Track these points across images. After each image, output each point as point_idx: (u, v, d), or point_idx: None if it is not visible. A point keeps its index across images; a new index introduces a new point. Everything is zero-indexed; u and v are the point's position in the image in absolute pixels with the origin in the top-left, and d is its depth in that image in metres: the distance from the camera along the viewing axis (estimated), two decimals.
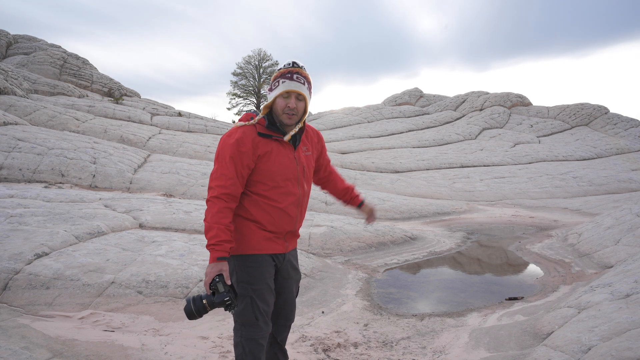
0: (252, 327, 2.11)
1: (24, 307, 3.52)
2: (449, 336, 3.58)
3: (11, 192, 6.40)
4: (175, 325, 3.50)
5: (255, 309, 2.10)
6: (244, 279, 2.11)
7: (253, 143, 2.07)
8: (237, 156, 2.04)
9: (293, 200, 2.18)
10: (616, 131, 29.41)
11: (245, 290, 2.10)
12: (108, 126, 14.21)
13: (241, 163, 2.05)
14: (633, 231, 6.15)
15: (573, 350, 2.57)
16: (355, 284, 5.05)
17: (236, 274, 2.13)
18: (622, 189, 17.16)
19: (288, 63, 2.11)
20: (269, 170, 2.11)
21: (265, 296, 2.14)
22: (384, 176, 17.29)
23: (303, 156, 2.24)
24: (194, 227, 6.22)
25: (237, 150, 2.05)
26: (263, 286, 2.13)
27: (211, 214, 2.01)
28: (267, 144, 2.11)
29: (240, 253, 2.13)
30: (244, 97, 46.77)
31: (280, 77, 2.10)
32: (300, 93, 2.09)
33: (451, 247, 7.38)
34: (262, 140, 2.10)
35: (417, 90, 43.62)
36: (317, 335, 3.48)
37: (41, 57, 22.45)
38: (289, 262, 2.28)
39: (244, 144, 2.06)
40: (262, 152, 2.09)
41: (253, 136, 2.09)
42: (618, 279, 3.73)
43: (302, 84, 2.09)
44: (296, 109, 2.10)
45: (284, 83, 2.07)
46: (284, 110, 2.09)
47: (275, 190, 2.13)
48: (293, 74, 2.08)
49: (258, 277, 2.11)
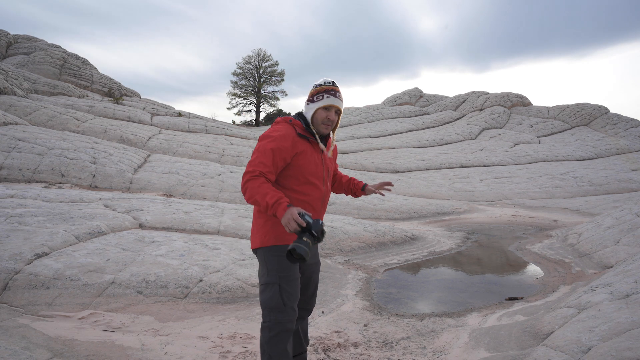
0: (280, 312, 2.29)
1: (24, 307, 3.52)
2: (449, 336, 3.58)
3: (11, 192, 6.40)
4: (175, 325, 3.50)
5: (284, 295, 2.29)
6: (274, 267, 2.32)
7: (293, 141, 2.34)
8: (278, 149, 2.29)
9: (319, 195, 2.45)
10: (616, 131, 29.42)
11: (274, 278, 2.31)
12: (108, 126, 14.21)
13: (280, 156, 2.29)
14: (633, 231, 6.15)
15: (573, 350, 2.57)
16: (355, 284, 5.05)
17: (266, 263, 2.35)
18: (622, 189, 17.17)
19: (328, 81, 2.44)
20: (303, 167, 2.37)
21: (293, 283, 2.34)
22: (384, 176, 17.29)
23: (327, 159, 2.56)
24: (194, 227, 6.22)
25: (278, 144, 2.30)
26: (290, 274, 2.33)
27: (257, 185, 2.20)
28: (304, 144, 2.39)
29: (271, 244, 2.34)
30: (244, 97, 46.75)
31: (324, 92, 2.41)
32: (339, 109, 2.45)
33: (451, 247, 7.38)
34: (300, 140, 2.38)
35: (417, 90, 43.62)
36: (317, 335, 3.48)
37: (41, 57, 22.46)
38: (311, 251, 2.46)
39: (286, 140, 2.32)
40: (300, 150, 2.36)
41: (293, 135, 2.37)
42: (618, 279, 3.73)
43: (341, 101, 2.45)
44: (333, 121, 2.44)
45: (328, 98, 2.40)
46: (323, 121, 2.41)
47: (306, 185, 2.39)
48: (336, 92, 2.42)
49: (286, 266, 2.32)
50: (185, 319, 3.64)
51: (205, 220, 6.54)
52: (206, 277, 4.32)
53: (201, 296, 4.05)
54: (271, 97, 47.19)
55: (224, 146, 16.19)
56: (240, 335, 3.37)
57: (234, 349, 3.15)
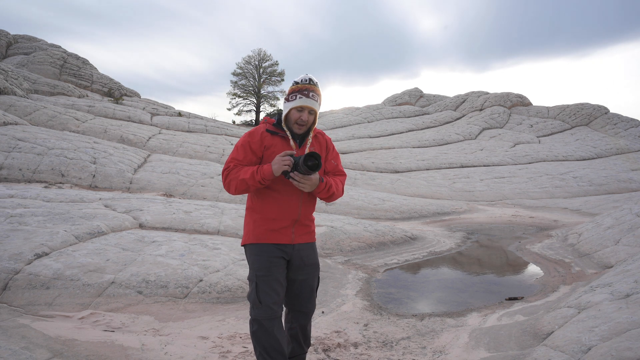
0: (257, 309, 2.35)
1: (24, 307, 3.52)
2: (449, 336, 3.58)
3: (11, 192, 6.39)
4: (175, 325, 3.50)
5: (259, 293, 2.34)
6: (252, 265, 2.42)
7: (261, 136, 2.44)
8: (246, 143, 2.43)
9: (295, 190, 2.42)
10: (616, 131, 29.42)
11: (253, 276, 2.39)
12: (108, 126, 14.21)
13: (249, 149, 2.42)
14: (633, 231, 6.15)
15: (573, 350, 2.57)
16: (355, 284, 5.05)
17: (248, 261, 2.46)
18: (622, 189, 17.16)
19: (305, 79, 2.42)
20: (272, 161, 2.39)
21: (270, 282, 2.36)
22: (384, 176, 17.29)
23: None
24: (194, 227, 6.22)
25: (246, 139, 2.44)
26: (266, 272, 2.37)
27: (235, 172, 2.38)
28: (272, 139, 2.44)
29: (251, 242, 2.44)
30: (244, 97, 46.71)
31: (298, 92, 2.41)
32: (313, 109, 2.43)
33: (451, 247, 7.38)
34: (269, 135, 2.44)
35: (417, 90, 43.62)
36: (317, 335, 3.48)
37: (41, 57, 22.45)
38: (299, 252, 2.48)
39: (253, 136, 2.45)
40: (268, 144, 2.43)
41: (262, 131, 2.46)
42: (618, 279, 3.72)
43: (315, 101, 2.42)
44: (307, 122, 2.44)
45: (300, 99, 2.40)
46: (297, 121, 2.43)
47: (278, 179, 2.39)
48: (309, 91, 2.40)
49: (262, 264, 2.37)
50: (185, 319, 3.64)
51: (205, 220, 6.54)
52: (206, 277, 4.32)
53: (201, 296, 4.05)
54: (271, 97, 47.18)
55: (224, 146, 16.19)
56: (240, 335, 3.37)
57: (234, 349, 3.15)
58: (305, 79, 2.42)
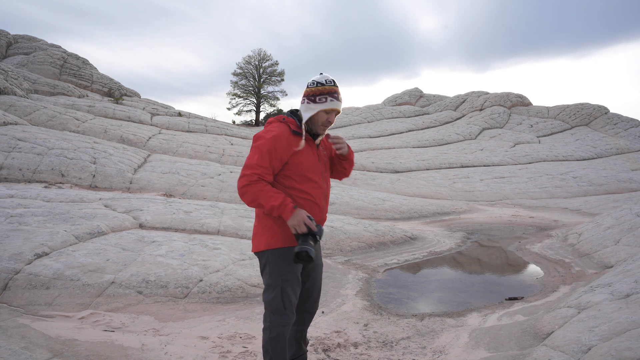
0: (280, 315, 2.31)
1: (24, 307, 3.52)
2: (449, 336, 3.58)
3: (11, 192, 6.40)
4: (175, 325, 3.50)
5: (285, 298, 2.31)
6: (276, 270, 2.32)
7: (288, 140, 2.32)
8: (273, 150, 2.28)
9: (321, 192, 2.44)
10: (616, 131, 29.42)
11: (276, 281, 2.31)
12: (108, 126, 14.21)
13: (276, 157, 2.29)
14: (633, 231, 6.15)
15: (573, 350, 2.57)
16: (355, 284, 5.05)
17: (269, 266, 2.34)
18: (622, 189, 17.16)
19: (329, 80, 2.37)
20: (302, 164, 2.36)
21: (294, 286, 2.35)
22: (384, 176, 17.29)
23: (323, 155, 2.54)
24: (194, 227, 6.22)
25: (273, 145, 2.28)
26: (293, 277, 2.33)
27: (257, 189, 2.24)
28: (298, 142, 2.37)
29: (273, 247, 2.33)
30: (244, 97, 46.71)
31: (327, 94, 2.35)
32: (340, 111, 2.43)
33: (451, 247, 7.38)
34: (295, 138, 2.36)
35: (417, 90, 43.61)
36: (317, 335, 3.48)
37: (41, 57, 22.45)
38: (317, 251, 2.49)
39: (280, 140, 2.30)
40: (295, 147, 2.35)
41: (288, 134, 2.34)
42: (618, 279, 3.72)
43: (340, 102, 2.41)
44: (331, 124, 2.44)
45: (332, 101, 2.36)
46: (324, 123, 2.40)
47: (307, 183, 2.38)
48: (338, 94, 2.38)
49: (289, 269, 2.32)
50: (185, 319, 3.64)
51: (205, 220, 6.54)
52: (206, 277, 4.32)
53: (201, 296, 4.05)
54: (271, 97, 47.19)
55: (224, 146, 16.19)
56: (240, 335, 3.37)
57: (234, 349, 3.15)
58: (329, 80, 2.37)
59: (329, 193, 2.55)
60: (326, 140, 2.60)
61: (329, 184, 2.58)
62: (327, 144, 2.62)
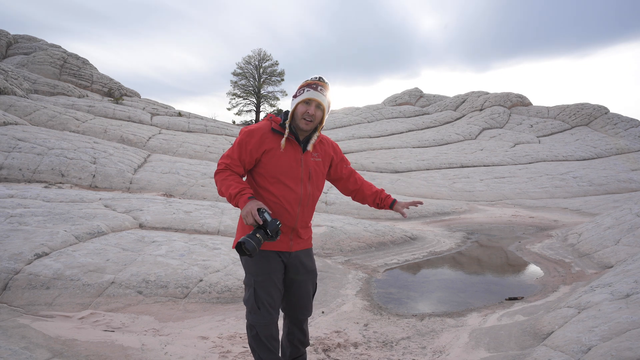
0: (255, 314, 2.30)
1: (24, 307, 3.52)
2: (449, 336, 3.58)
3: (11, 192, 6.40)
4: (175, 325, 3.50)
5: (257, 299, 2.29)
6: (250, 270, 2.33)
7: (262, 137, 2.28)
8: (243, 142, 2.28)
9: (294, 197, 2.32)
10: (616, 131, 29.41)
11: (249, 281, 2.32)
12: (108, 126, 14.21)
13: (245, 149, 2.28)
14: (633, 231, 6.15)
15: (573, 350, 2.57)
16: (355, 284, 5.05)
17: (245, 265, 2.36)
18: (622, 189, 17.16)
19: (315, 77, 2.33)
20: (273, 165, 2.29)
21: (268, 288, 2.31)
22: (384, 176, 17.29)
23: (312, 161, 2.40)
24: (194, 227, 6.22)
25: (244, 139, 2.29)
26: (265, 278, 2.30)
27: (222, 178, 2.28)
28: (276, 141, 2.30)
29: None
30: (244, 97, 46.71)
31: (306, 86, 2.31)
32: (320, 103, 2.29)
33: (451, 247, 7.38)
34: (272, 136, 2.30)
35: (417, 90, 43.60)
36: (317, 336, 3.48)
37: (41, 57, 22.44)
38: (297, 259, 2.42)
39: (253, 135, 2.29)
40: (269, 147, 2.28)
41: (265, 131, 2.30)
42: (618, 279, 3.72)
43: (324, 95, 2.30)
44: (314, 117, 2.29)
45: (308, 92, 2.28)
46: (303, 116, 2.28)
47: (278, 185, 2.30)
48: (318, 85, 2.29)
49: (262, 270, 2.30)
50: (185, 319, 3.64)
51: (205, 220, 6.54)
52: (206, 277, 4.32)
53: (201, 296, 4.05)
54: (271, 97, 47.19)
55: (224, 146, 16.19)
56: (240, 335, 3.37)
57: (234, 349, 3.15)
58: (315, 77, 2.33)
59: (310, 200, 2.39)
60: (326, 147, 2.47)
61: (314, 190, 2.41)
62: (326, 151, 2.47)
